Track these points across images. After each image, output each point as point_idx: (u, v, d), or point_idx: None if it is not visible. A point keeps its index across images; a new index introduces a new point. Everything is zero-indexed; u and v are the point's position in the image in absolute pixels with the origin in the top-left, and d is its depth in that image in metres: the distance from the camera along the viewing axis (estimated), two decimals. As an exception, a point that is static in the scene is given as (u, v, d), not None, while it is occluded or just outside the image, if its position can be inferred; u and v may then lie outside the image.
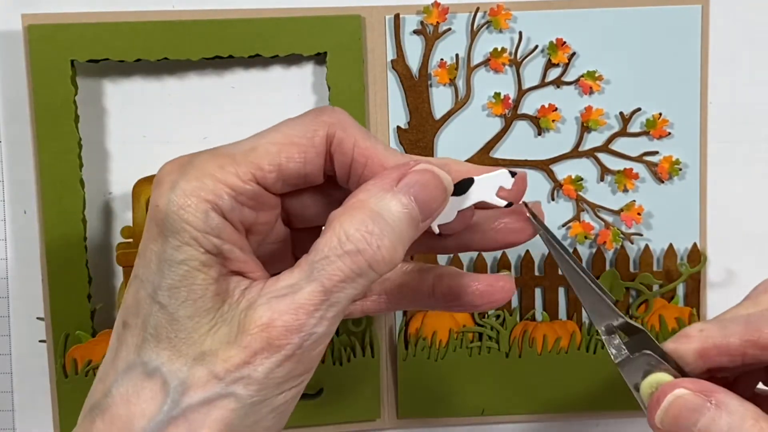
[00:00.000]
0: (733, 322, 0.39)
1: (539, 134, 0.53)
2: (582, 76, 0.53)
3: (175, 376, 0.32)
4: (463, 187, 0.40)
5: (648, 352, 0.41)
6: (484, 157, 0.53)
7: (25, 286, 0.53)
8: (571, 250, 0.54)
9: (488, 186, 0.40)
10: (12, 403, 0.54)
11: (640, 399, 0.41)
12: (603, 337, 0.41)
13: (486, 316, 0.54)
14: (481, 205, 0.38)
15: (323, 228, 0.33)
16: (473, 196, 0.40)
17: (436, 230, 0.39)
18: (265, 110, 0.53)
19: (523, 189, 0.38)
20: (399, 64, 0.52)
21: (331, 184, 0.36)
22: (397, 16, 0.52)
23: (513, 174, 0.39)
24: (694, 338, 0.40)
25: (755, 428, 0.36)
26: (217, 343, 0.32)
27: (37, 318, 0.53)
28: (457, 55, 0.53)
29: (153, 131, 0.52)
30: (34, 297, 0.53)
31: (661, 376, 0.40)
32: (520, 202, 0.39)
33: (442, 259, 0.54)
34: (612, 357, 0.42)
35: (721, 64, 0.54)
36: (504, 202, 0.40)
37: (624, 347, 0.41)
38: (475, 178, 0.40)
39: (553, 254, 0.40)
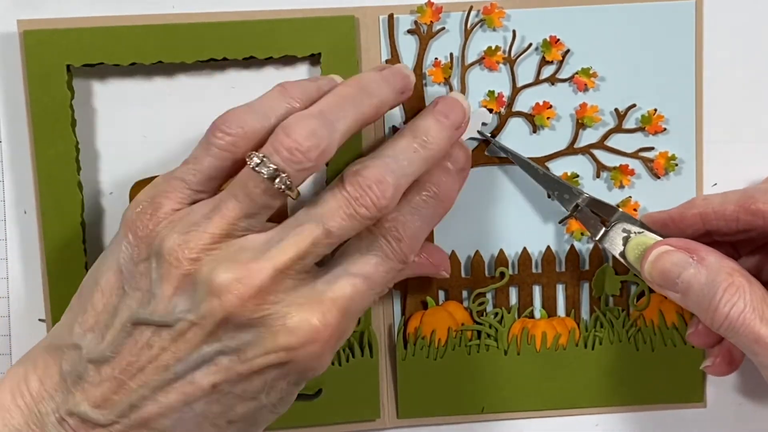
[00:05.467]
0: (735, 192, 0.46)
1: (534, 132, 0.54)
2: (576, 73, 0.53)
3: None
4: None
5: (620, 222, 0.49)
6: (479, 155, 0.53)
7: (26, 286, 0.54)
8: (567, 247, 0.54)
9: (473, 124, 0.51)
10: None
11: (628, 262, 0.47)
12: (578, 217, 0.51)
13: (484, 314, 0.55)
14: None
15: None
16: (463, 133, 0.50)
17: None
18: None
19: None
20: (393, 63, 0.53)
21: None
22: (390, 16, 0.52)
23: (490, 111, 0.53)
24: (698, 205, 0.48)
25: (728, 281, 0.41)
26: None
27: (39, 320, 0.53)
28: (451, 54, 0.53)
29: (151, 133, 0.53)
30: (34, 297, 0.53)
31: (644, 238, 0.47)
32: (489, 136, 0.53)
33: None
34: (591, 235, 0.50)
35: (716, 58, 0.54)
36: (488, 134, 0.53)
37: (600, 224, 0.50)
38: None
39: (521, 165, 0.52)
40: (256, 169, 0.39)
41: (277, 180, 0.39)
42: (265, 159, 0.39)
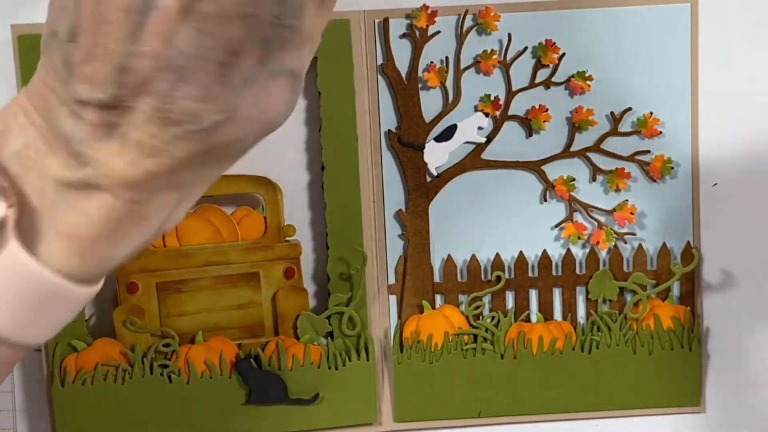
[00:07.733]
0: None
1: (530, 135, 0.53)
2: (572, 76, 0.53)
3: None
4: (449, 132, 0.53)
5: None
6: (475, 159, 0.53)
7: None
8: (563, 251, 0.54)
9: (469, 128, 0.53)
10: (13, 402, 0.54)
11: None
12: None
13: (481, 318, 0.54)
14: None
15: None
16: (458, 138, 0.53)
17: (435, 172, 0.53)
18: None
19: None
20: (389, 67, 0.52)
21: None
22: (386, 20, 0.52)
23: (487, 115, 0.52)
24: None
25: None
26: None
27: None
28: (447, 58, 0.53)
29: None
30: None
31: None
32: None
33: (438, 257, 0.54)
34: None
35: (711, 61, 0.53)
36: (483, 139, 0.53)
37: None
38: (458, 123, 0.53)
39: None
40: None
41: None
42: None
